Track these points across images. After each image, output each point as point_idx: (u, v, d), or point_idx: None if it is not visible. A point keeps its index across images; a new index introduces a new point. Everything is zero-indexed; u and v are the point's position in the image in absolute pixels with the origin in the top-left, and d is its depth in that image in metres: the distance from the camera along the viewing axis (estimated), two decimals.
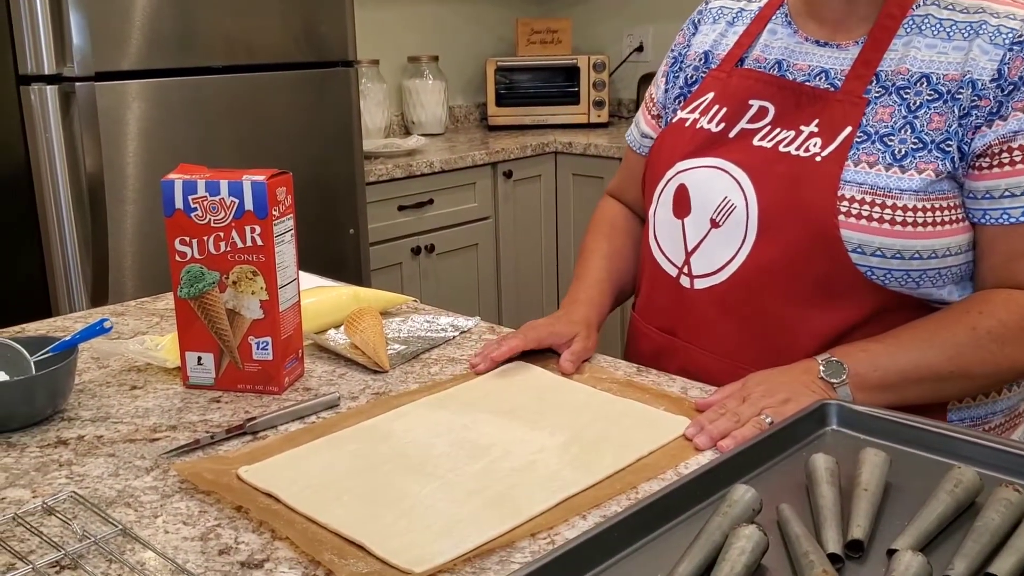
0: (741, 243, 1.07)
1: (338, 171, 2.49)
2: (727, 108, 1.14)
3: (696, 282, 1.11)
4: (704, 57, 1.23)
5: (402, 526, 0.76)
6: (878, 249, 1.00)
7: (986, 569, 0.66)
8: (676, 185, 1.14)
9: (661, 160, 1.18)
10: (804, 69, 1.11)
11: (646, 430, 0.93)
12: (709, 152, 1.12)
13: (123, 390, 1.07)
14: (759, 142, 1.09)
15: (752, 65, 1.16)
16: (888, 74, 1.05)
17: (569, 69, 3.41)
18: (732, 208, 1.07)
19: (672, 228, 1.14)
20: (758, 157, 1.08)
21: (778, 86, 1.11)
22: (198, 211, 1.02)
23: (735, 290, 1.08)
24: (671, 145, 1.18)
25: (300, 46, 2.36)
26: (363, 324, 1.16)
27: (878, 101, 1.04)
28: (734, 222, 1.07)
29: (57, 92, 1.99)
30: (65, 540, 0.76)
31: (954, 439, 0.84)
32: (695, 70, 1.24)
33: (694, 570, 0.66)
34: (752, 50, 1.18)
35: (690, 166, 1.13)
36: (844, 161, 1.02)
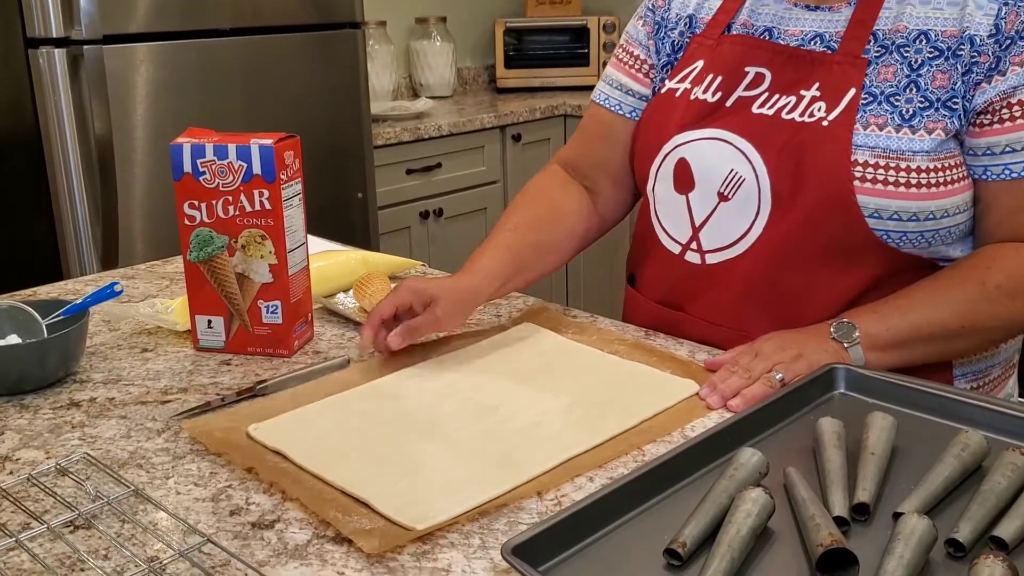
0: (755, 215, 1.04)
1: (346, 134, 2.49)
2: (722, 76, 1.11)
3: (708, 257, 1.09)
4: (688, 22, 1.18)
5: (406, 484, 0.77)
6: (895, 213, 0.99)
7: (991, 532, 0.66)
8: (676, 159, 1.11)
9: (654, 133, 1.14)
10: (796, 35, 1.08)
11: (652, 393, 0.93)
12: (707, 123, 1.09)
13: (134, 353, 1.08)
14: (759, 109, 1.07)
15: (740, 31, 1.13)
16: (886, 33, 1.03)
17: (579, 30, 3.38)
18: (740, 180, 1.05)
19: (675, 204, 1.11)
20: (760, 125, 1.06)
21: (773, 51, 1.09)
22: (207, 175, 1.02)
23: (753, 262, 1.05)
24: (663, 117, 1.14)
25: (307, 8, 2.35)
26: (372, 288, 1.16)
27: (879, 61, 1.02)
28: (745, 194, 1.05)
29: (65, 55, 1.98)
30: (79, 500, 0.77)
31: (961, 403, 0.84)
32: (680, 35, 1.19)
33: (700, 532, 0.66)
34: (739, 16, 1.14)
35: (689, 139, 1.10)
36: (852, 125, 1.00)
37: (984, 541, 0.66)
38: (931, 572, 0.64)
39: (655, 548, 0.67)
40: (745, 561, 0.65)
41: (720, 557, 0.63)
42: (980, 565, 0.60)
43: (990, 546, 0.66)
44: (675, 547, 0.65)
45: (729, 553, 0.63)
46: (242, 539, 0.72)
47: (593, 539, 0.68)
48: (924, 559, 0.63)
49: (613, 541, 0.69)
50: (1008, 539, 0.65)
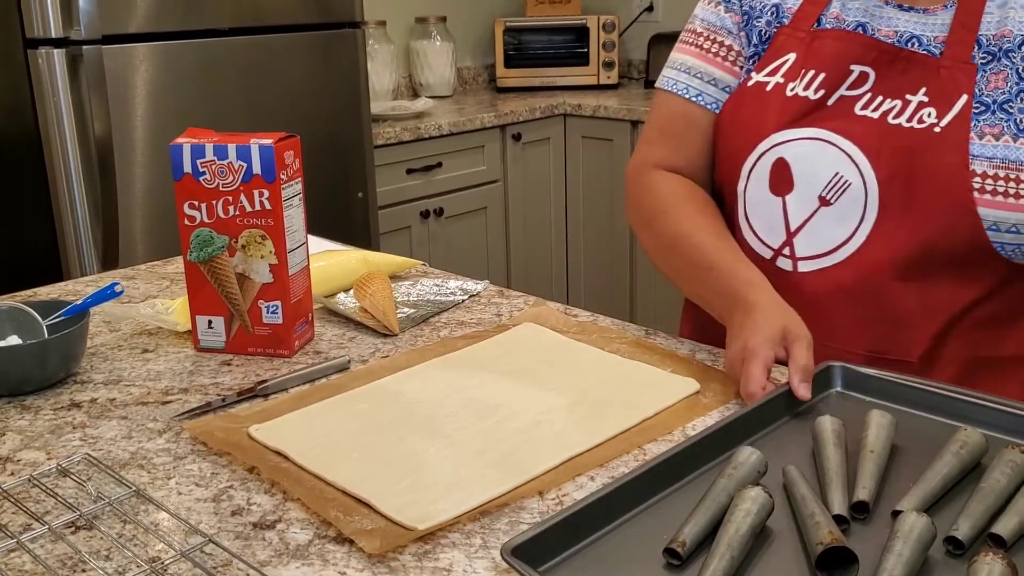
0: (859, 222, 1.00)
1: (346, 134, 2.49)
2: (825, 73, 1.05)
3: (800, 264, 1.04)
4: (775, 11, 1.11)
5: (407, 484, 0.77)
6: (1014, 225, 0.96)
7: (990, 530, 0.66)
8: (774, 159, 1.05)
9: (746, 130, 1.08)
10: (890, 35, 1.04)
11: (653, 391, 0.93)
12: (808, 122, 1.04)
13: (135, 353, 1.08)
14: (863, 111, 1.02)
15: (833, 25, 1.07)
16: (990, 39, 0.99)
17: (578, 29, 3.38)
18: (846, 185, 1.00)
19: (769, 206, 1.06)
20: (867, 128, 1.01)
21: (879, 50, 1.03)
22: (207, 175, 1.02)
23: (851, 272, 1.01)
24: (756, 112, 1.08)
25: (307, 7, 2.35)
26: (372, 288, 1.16)
27: (987, 68, 0.99)
28: (849, 200, 1.00)
29: (64, 56, 1.98)
30: (80, 501, 0.77)
31: (959, 400, 0.84)
32: (767, 25, 1.12)
33: (699, 532, 0.66)
34: (829, 8, 1.08)
35: (789, 138, 1.05)
36: (967, 134, 0.97)
37: (983, 539, 0.66)
38: (930, 570, 0.64)
39: (655, 548, 0.67)
40: (745, 560, 0.65)
41: (720, 556, 0.63)
42: (979, 563, 0.60)
43: (989, 544, 0.66)
44: (675, 546, 0.65)
45: (728, 552, 0.64)
46: (244, 539, 0.72)
47: (592, 539, 0.68)
48: (923, 557, 0.63)
49: (613, 541, 0.69)
50: (1007, 536, 0.65)
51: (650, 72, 3.36)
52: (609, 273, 3.18)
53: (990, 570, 0.59)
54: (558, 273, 3.30)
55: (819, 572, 0.64)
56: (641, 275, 3.08)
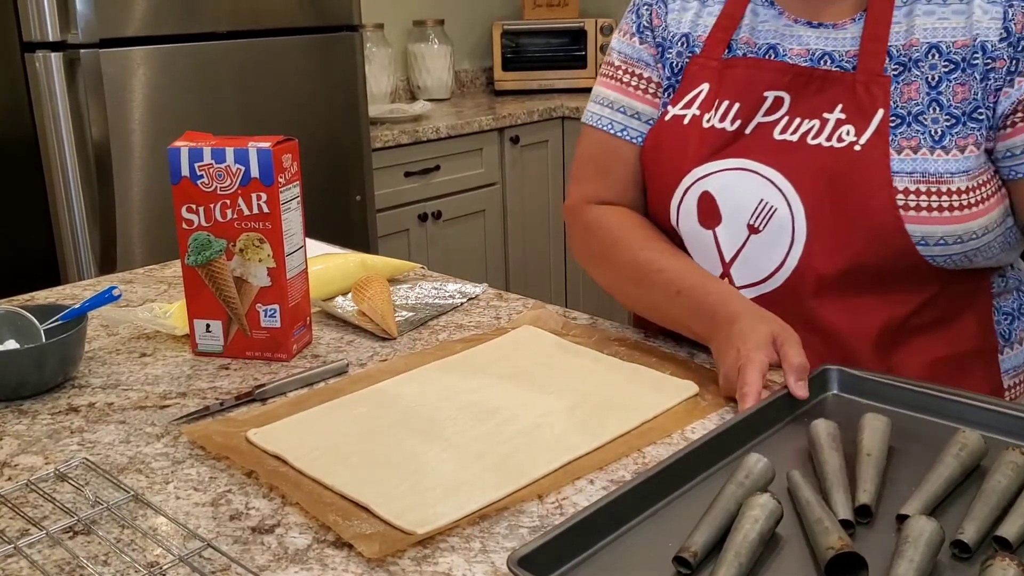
0: (789, 246, 1.00)
1: (344, 137, 2.49)
2: (740, 103, 1.05)
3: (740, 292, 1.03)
4: (684, 41, 1.11)
5: (407, 488, 0.77)
6: (941, 238, 0.96)
7: (994, 532, 0.66)
8: (698, 193, 1.05)
9: (668, 166, 1.08)
10: (802, 54, 1.03)
11: (652, 394, 0.93)
12: (728, 153, 1.04)
13: (132, 357, 1.08)
14: (781, 135, 1.02)
15: (744, 51, 1.07)
16: (900, 49, 0.99)
17: (576, 32, 3.38)
18: (772, 211, 1.00)
19: (701, 240, 1.06)
20: (787, 152, 1.01)
21: (792, 73, 1.03)
22: (204, 179, 1.01)
23: (789, 295, 1.01)
24: (676, 148, 1.07)
25: (305, 10, 2.35)
26: (371, 291, 1.16)
27: (899, 79, 0.98)
28: (777, 225, 1.00)
29: (62, 59, 1.98)
30: (78, 506, 0.77)
31: (955, 402, 0.84)
32: (678, 56, 1.12)
33: (709, 540, 0.66)
34: (738, 33, 1.08)
35: (711, 170, 1.04)
36: (887, 149, 0.97)
37: (988, 541, 0.66)
38: (938, 574, 0.64)
39: (661, 555, 0.66)
40: (754, 567, 0.65)
41: (728, 564, 0.63)
42: (995, 567, 0.60)
43: (995, 547, 0.66)
44: (685, 555, 0.64)
45: (737, 559, 0.63)
46: (242, 544, 0.72)
47: (598, 547, 0.68)
48: (933, 561, 0.63)
49: (618, 549, 0.68)
50: (1012, 539, 0.65)
51: None
52: None
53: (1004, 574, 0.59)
54: (557, 276, 3.30)
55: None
56: None
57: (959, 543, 0.65)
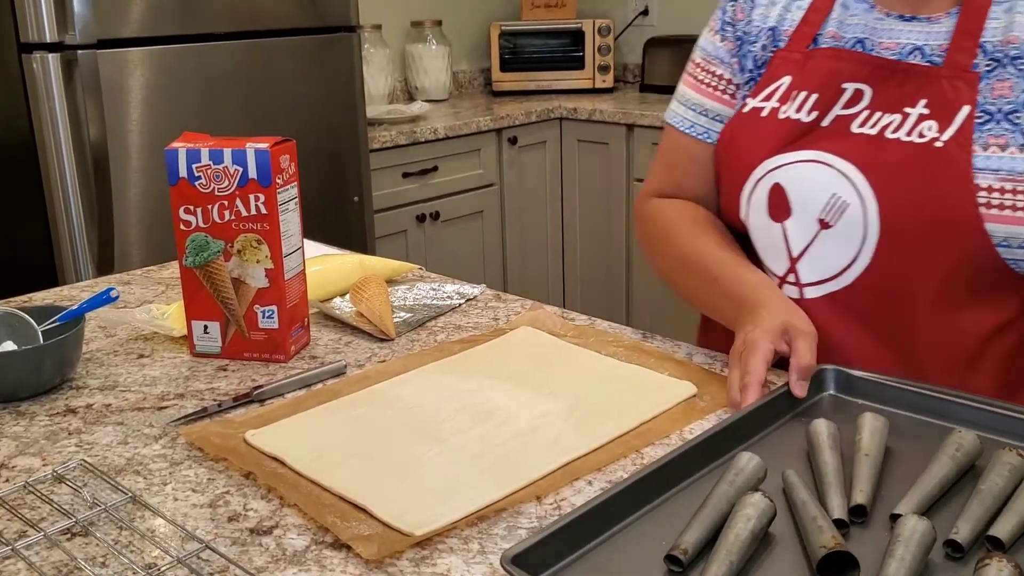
0: (861, 243, 0.97)
1: (342, 138, 2.49)
2: (817, 94, 1.02)
3: (807, 290, 1.01)
4: (770, 35, 1.09)
5: (405, 489, 0.77)
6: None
7: (988, 531, 0.66)
8: (769, 185, 1.02)
9: (741, 158, 1.06)
10: (892, 47, 1.00)
11: (650, 394, 0.93)
12: (802, 145, 1.01)
13: (130, 359, 1.08)
14: (859, 129, 0.99)
15: (829, 44, 1.04)
16: (995, 45, 0.95)
17: (574, 33, 3.38)
18: (844, 206, 0.97)
19: (769, 233, 1.03)
20: (863, 146, 0.98)
21: (873, 65, 1.00)
22: (202, 180, 1.01)
23: (860, 295, 0.98)
24: (751, 139, 1.06)
25: (302, 11, 2.34)
26: (369, 292, 1.16)
27: (992, 75, 0.94)
28: (849, 221, 0.97)
29: (59, 60, 1.98)
30: (76, 508, 0.77)
31: (952, 403, 0.85)
32: (763, 50, 1.09)
33: (700, 539, 0.66)
34: (826, 27, 1.05)
35: (783, 162, 1.02)
36: (970, 146, 0.93)
37: (981, 541, 0.66)
38: (930, 573, 0.64)
39: (654, 554, 0.66)
40: (747, 565, 0.65)
41: (719, 562, 0.63)
42: (991, 567, 0.60)
43: (987, 547, 0.66)
44: (676, 554, 0.64)
45: (728, 558, 0.63)
46: (240, 545, 0.72)
47: (592, 546, 0.68)
48: (925, 560, 0.63)
49: (612, 548, 0.68)
50: (1005, 538, 0.65)
51: (645, 76, 3.37)
52: (606, 276, 3.18)
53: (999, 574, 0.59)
54: (555, 277, 3.30)
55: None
56: (637, 278, 3.08)
57: (952, 543, 0.65)
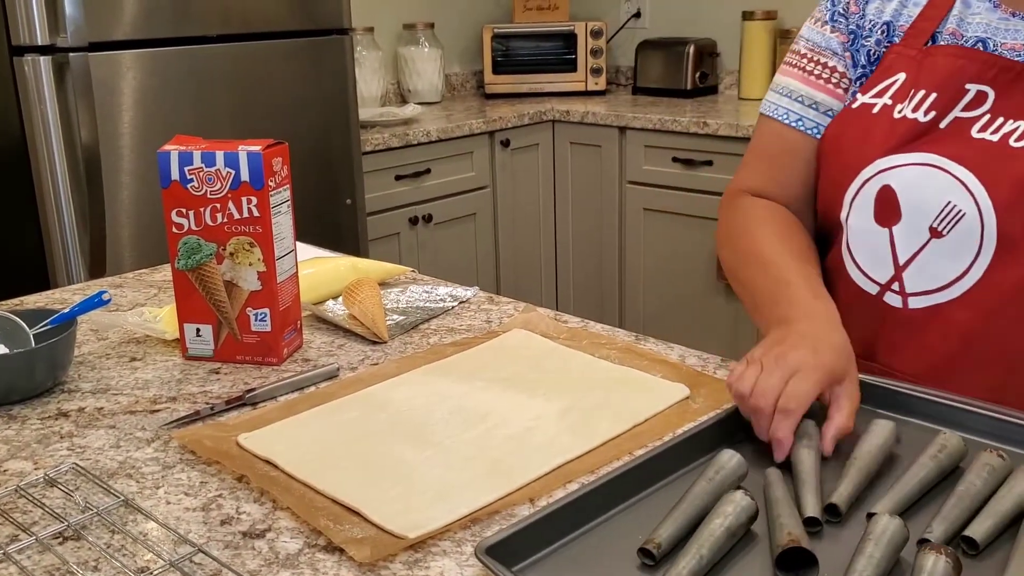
0: (976, 256, 0.92)
1: (334, 140, 2.49)
2: (936, 93, 0.96)
3: (911, 300, 0.96)
4: (885, 29, 1.03)
5: (398, 492, 0.77)
6: None
7: (963, 532, 0.67)
8: (879, 186, 0.97)
9: (849, 155, 1.00)
10: (1017, 49, 0.94)
11: (643, 397, 0.93)
12: (917, 147, 0.96)
13: (122, 362, 1.08)
14: (980, 134, 0.93)
15: (948, 41, 0.98)
16: None
17: (566, 36, 3.39)
18: (959, 215, 0.92)
19: (874, 238, 0.98)
20: (984, 153, 0.92)
21: (999, 67, 0.94)
22: (194, 182, 1.01)
23: (967, 311, 0.93)
24: (861, 137, 1.00)
25: (295, 14, 2.34)
26: (361, 295, 1.16)
27: None
28: (963, 231, 0.92)
29: (51, 63, 1.97)
30: (68, 511, 0.76)
31: (942, 405, 0.85)
32: (876, 44, 1.04)
33: (675, 533, 0.67)
34: (945, 24, 0.99)
35: (896, 163, 0.96)
36: None
37: (957, 541, 0.67)
38: (902, 572, 0.65)
39: (630, 548, 0.67)
40: (721, 562, 0.66)
41: (689, 556, 0.64)
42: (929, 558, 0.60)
43: (963, 547, 0.66)
44: (649, 547, 0.65)
45: (698, 552, 0.64)
46: (233, 548, 0.71)
47: (569, 539, 0.69)
48: (895, 559, 0.63)
49: (589, 541, 0.69)
50: (980, 539, 0.66)
51: (638, 78, 3.37)
52: (599, 278, 3.18)
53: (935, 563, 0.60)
54: (547, 279, 3.30)
55: (780, 573, 0.64)
56: (630, 280, 3.09)
57: (926, 542, 0.66)
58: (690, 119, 2.78)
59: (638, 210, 2.99)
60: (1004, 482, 0.72)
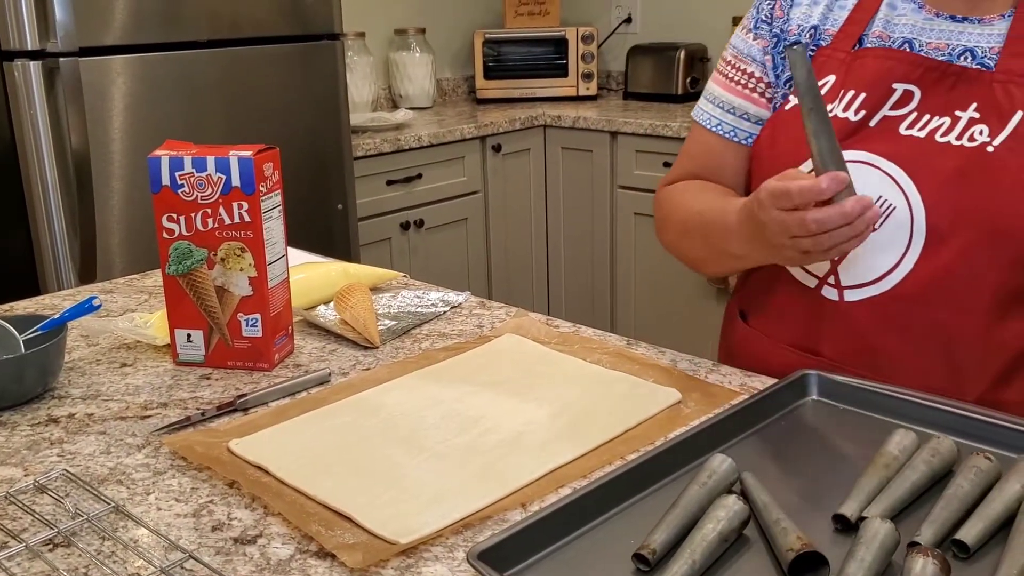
0: (906, 249, 0.95)
1: (325, 146, 2.48)
2: (866, 93, 1.00)
3: (847, 293, 0.99)
4: (812, 33, 1.07)
5: (390, 497, 0.77)
6: None
7: (953, 536, 0.67)
8: None
9: (784, 156, 1.03)
10: (941, 48, 0.98)
11: (635, 401, 0.93)
12: (849, 145, 0.99)
13: (113, 368, 1.07)
14: (908, 131, 0.97)
15: (875, 44, 1.02)
16: None
17: (557, 41, 3.39)
18: (891, 209, 0.95)
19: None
20: (912, 149, 0.96)
21: (924, 67, 0.98)
22: (185, 188, 1.01)
23: (900, 302, 0.96)
24: (795, 137, 1.01)
25: (286, 19, 2.34)
26: (353, 300, 1.16)
27: None
28: (894, 225, 0.95)
29: (41, 68, 1.97)
30: (58, 518, 0.76)
31: (933, 409, 0.85)
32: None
33: (669, 539, 0.67)
34: (872, 27, 1.03)
35: None
36: (1023, 152, 0.91)
37: (947, 545, 0.67)
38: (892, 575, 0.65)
39: (622, 553, 0.67)
40: (714, 567, 0.66)
41: (682, 561, 0.64)
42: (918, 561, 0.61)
43: (953, 550, 0.67)
44: (644, 553, 0.65)
45: (691, 557, 0.64)
46: (224, 555, 0.71)
47: (561, 544, 0.69)
48: (886, 562, 0.64)
49: (581, 546, 0.69)
50: (970, 542, 0.66)
51: (628, 83, 3.38)
52: (590, 283, 3.19)
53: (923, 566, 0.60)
54: (539, 284, 3.30)
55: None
56: (622, 285, 3.09)
57: (916, 546, 0.66)
58: (681, 124, 2.78)
59: (629, 215, 2.99)
60: (994, 485, 0.72)
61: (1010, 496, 0.70)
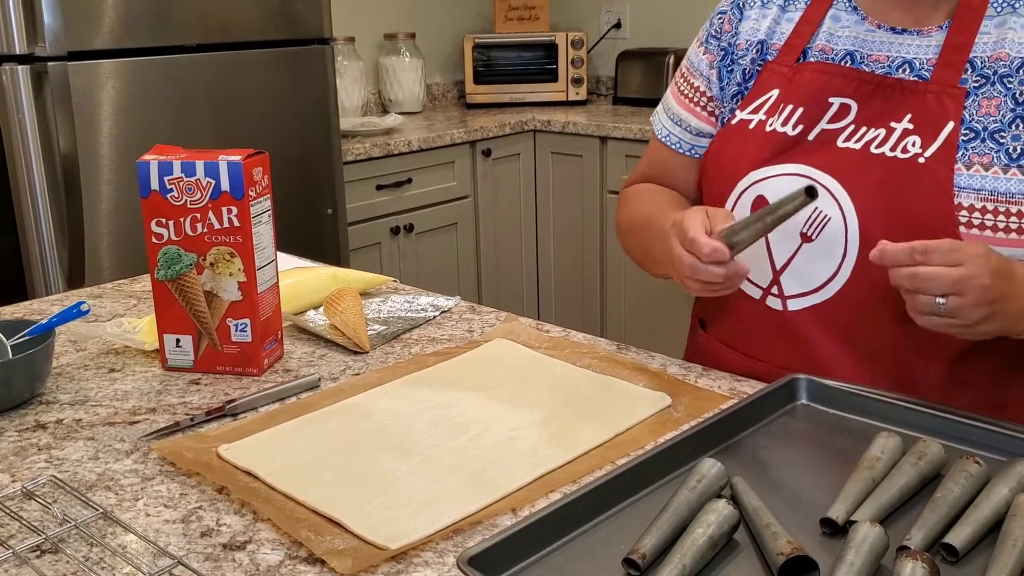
0: (842, 257, 0.98)
1: (315, 150, 2.48)
2: (803, 107, 1.03)
3: (790, 303, 1.02)
4: (759, 48, 1.10)
5: (380, 503, 0.77)
6: None
7: (943, 539, 0.67)
8: (753, 197, 1.03)
9: (727, 168, 1.07)
10: (882, 61, 1.00)
11: (625, 406, 0.93)
12: (787, 158, 1.02)
13: (101, 373, 1.07)
14: (845, 143, 0.99)
15: (818, 57, 1.05)
16: (985, 61, 0.94)
17: (547, 46, 3.40)
18: (825, 220, 0.98)
19: (753, 245, 0.99)
20: (847, 160, 0.98)
21: (860, 80, 1.00)
22: (174, 192, 1.01)
23: (841, 309, 0.99)
24: (736, 151, 1.06)
25: (275, 23, 2.34)
26: (343, 305, 1.16)
27: (979, 92, 0.94)
28: (830, 235, 0.98)
29: (29, 72, 1.96)
30: (46, 524, 0.76)
31: (923, 413, 0.86)
32: (752, 63, 1.10)
33: (659, 543, 0.67)
34: (815, 40, 1.06)
35: (767, 175, 1.02)
36: (953, 163, 0.93)
37: (936, 548, 0.67)
38: None
39: (613, 557, 0.67)
40: (704, 571, 0.66)
41: (671, 566, 0.64)
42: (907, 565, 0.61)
43: (942, 554, 0.67)
44: (634, 557, 0.65)
45: (680, 561, 0.64)
46: (213, 561, 0.71)
47: (551, 549, 0.69)
48: (875, 566, 0.64)
49: (571, 551, 0.69)
50: (959, 546, 0.66)
51: (618, 88, 3.39)
52: (580, 288, 3.19)
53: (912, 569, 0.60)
54: (529, 288, 3.30)
55: None
56: (612, 289, 3.09)
57: (905, 549, 0.66)
58: None
59: None
60: (983, 489, 0.72)
61: (998, 500, 0.70)
